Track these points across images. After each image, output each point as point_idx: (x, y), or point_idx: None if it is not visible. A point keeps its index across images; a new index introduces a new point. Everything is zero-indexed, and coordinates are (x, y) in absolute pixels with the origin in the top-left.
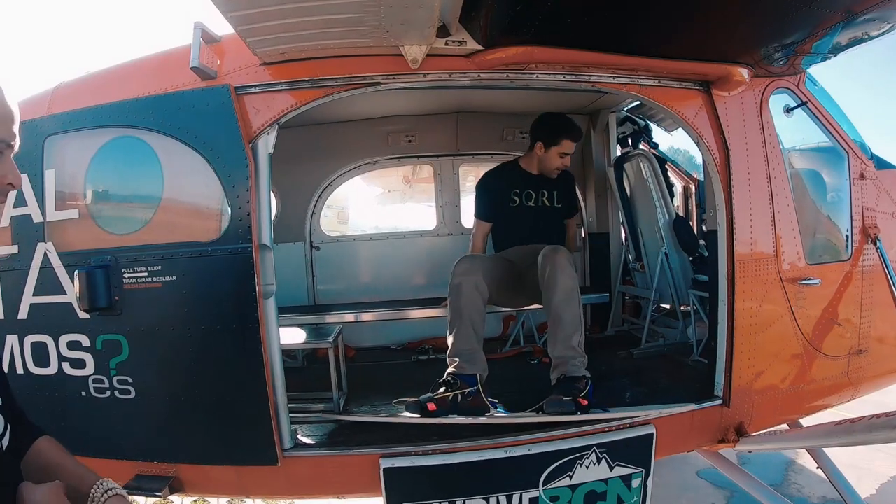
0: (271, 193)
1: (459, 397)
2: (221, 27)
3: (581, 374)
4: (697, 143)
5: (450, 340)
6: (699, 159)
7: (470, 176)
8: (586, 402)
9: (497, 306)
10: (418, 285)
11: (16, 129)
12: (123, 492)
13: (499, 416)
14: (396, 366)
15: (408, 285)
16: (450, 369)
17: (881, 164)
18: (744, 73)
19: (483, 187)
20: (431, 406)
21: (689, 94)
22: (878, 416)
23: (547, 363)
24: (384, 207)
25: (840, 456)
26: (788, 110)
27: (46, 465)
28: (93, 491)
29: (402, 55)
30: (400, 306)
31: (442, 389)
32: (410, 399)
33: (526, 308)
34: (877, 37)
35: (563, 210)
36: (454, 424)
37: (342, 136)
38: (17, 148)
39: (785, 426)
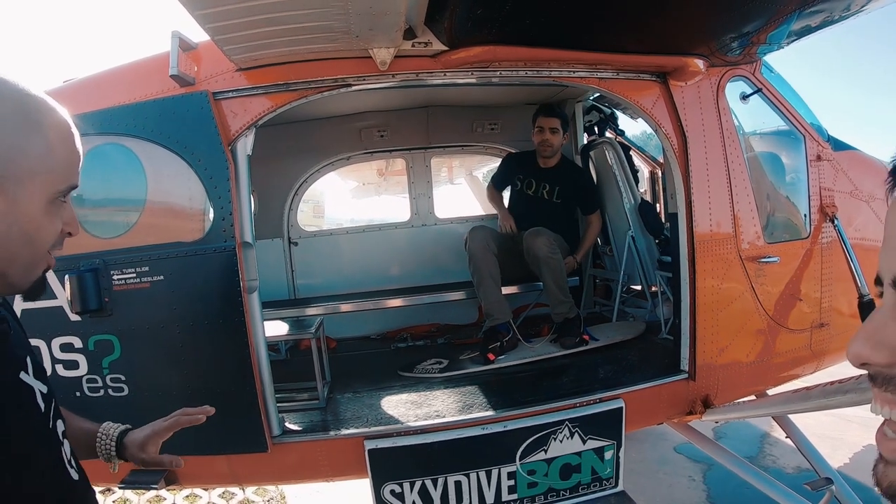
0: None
1: (504, 343)
2: (197, 34)
3: (574, 315)
4: (656, 131)
5: (480, 296)
6: None
7: (443, 167)
8: (587, 337)
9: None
10: (395, 275)
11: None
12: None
13: (536, 349)
14: (377, 354)
15: (385, 276)
16: (488, 324)
17: (838, 145)
18: (699, 63)
19: (502, 162)
20: (491, 356)
21: (647, 85)
22: (832, 383)
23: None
24: (359, 200)
25: (814, 427)
26: (744, 97)
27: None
28: (100, 433)
29: (371, 57)
30: (378, 297)
31: (490, 344)
32: (474, 354)
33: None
34: (831, 24)
35: (562, 206)
36: (437, 404)
37: (316, 133)
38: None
39: (752, 397)
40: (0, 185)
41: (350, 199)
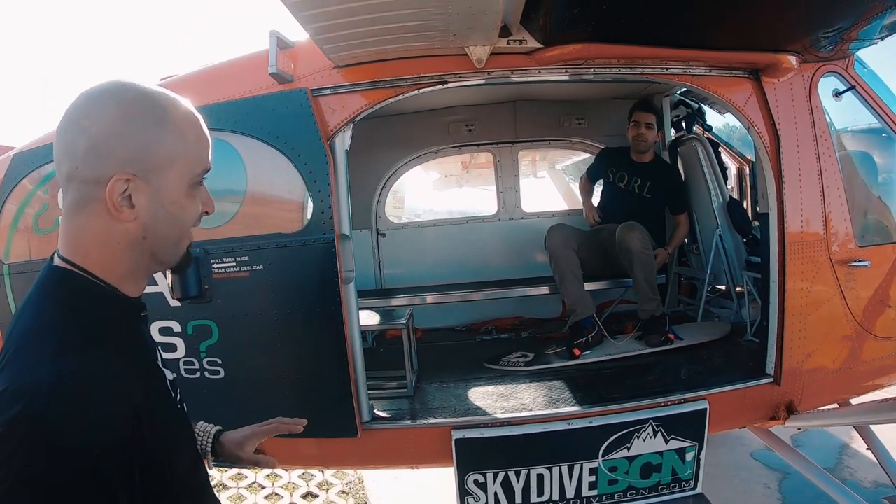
0: None
1: (589, 339)
2: (293, 33)
3: (660, 314)
4: (748, 130)
5: (563, 293)
6: None
7: (525, 160)
8: (672, 336)
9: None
10: (480, 268)
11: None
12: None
13: (620, 346)
14: (462, 345)
15: (470, 268)
16: (572, 319)
17: None
18: (792, 60)
19: (598, 155)
20: (576, 351)
21: (740, 81)
22: None
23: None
24: (442, 193)
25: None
26: (837, 94)
27: None
28: (198, 430)
29: (466, 55)
30: (463, 289)
31: (577, 339)
32: (559, 349)
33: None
34: None
35: (652, 201)
36: (524, 397)
37: (406, 127)
38: None
39: (835, 405)
40: (144, 176)
41: (432, 191)
